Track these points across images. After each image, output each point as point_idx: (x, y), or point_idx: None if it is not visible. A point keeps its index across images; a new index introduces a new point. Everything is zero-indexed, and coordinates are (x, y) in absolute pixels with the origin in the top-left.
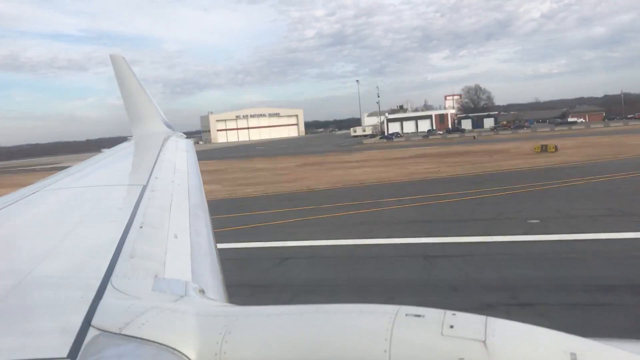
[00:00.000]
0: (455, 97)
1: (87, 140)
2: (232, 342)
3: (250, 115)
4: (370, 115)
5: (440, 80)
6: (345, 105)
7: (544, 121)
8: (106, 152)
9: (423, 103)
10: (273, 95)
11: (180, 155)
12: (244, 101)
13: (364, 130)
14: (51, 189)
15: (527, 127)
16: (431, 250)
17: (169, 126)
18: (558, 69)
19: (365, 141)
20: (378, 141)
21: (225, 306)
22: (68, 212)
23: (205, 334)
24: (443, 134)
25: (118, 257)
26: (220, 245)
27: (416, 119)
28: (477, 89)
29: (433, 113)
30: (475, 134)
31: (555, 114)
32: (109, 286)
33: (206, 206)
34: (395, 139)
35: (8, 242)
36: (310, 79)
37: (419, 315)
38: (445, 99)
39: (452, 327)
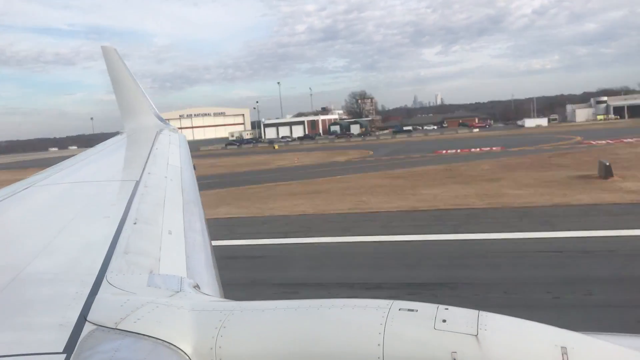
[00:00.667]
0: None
1: (79, 136)
2: (227, 336)
3: (195, 115)
4: (297, 115)
5: (433, 75)
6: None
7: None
8: (98, 147)
9: (413, 99)
10: (264, 91)
11: (172, 150)
12: (234, 96)
13: (241, 136)
14: (44, 185)
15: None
16: None
17: (161, 119)
18: (550, 64)
19: (210, 147)
20: (224, 148)
21: (220, 301)
22: (61, 208)
23: (201, 328)
24: (291, 141)
25: (113, 253)
26: None
27: (291, 124)
28: (363, 95)
29: (305, 119)
30: (277, 145)
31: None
32: (104, 282)
33: (200, 201)
34: (244, 146)
35: (1, 238)
36: (302, 74)
37: (412, 310)
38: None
39: (444, 321)
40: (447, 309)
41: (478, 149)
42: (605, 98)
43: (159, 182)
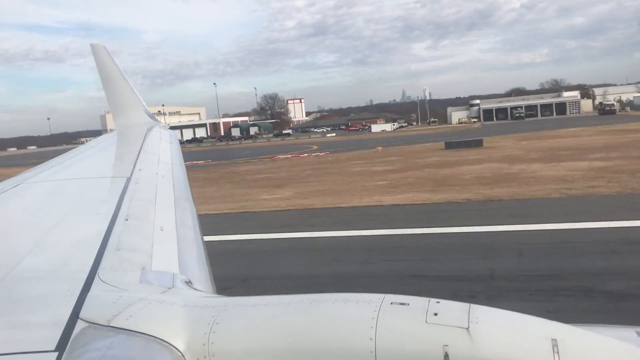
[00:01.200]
0: (295, 101)
1: (62, 134)
2: (220, 332)
3: None
4: (237, 115)
5: (423, 70)
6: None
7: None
8: (89, 144)
9: (401, 94)
10: (256, 85)
11: (163, 147)
12: (225, 92)
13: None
14: (34, 182)
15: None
16: None
17: (151, 117)
18: (540, 58)
19: None
20: None
21: (212, 297)
22: (52, 205)
23: (194, 324)
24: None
25: (104, 250)
26: None
27: (194, 127)
28: (275, 97)
29: (208, 122)
30: None
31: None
32: (96, 279)
33: (191, 197)
34: None
35: None
36: (292, 70)
37: (403, 304)
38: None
39: (436, 314)
40: (438, 302)
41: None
42: (478, 101)
43: (150, 178)
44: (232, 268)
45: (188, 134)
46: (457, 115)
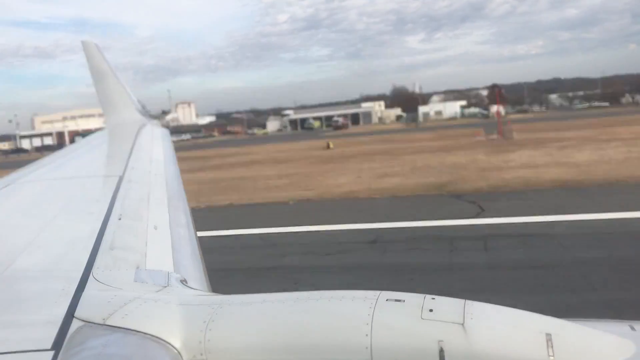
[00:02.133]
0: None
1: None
2: (215, 330)
3: (79, 116)
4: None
5: (418, 63)
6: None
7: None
8: (80, 142)
9: (391, 87)
10: (249, 81)
11: (156, 144)
12: (218, 87)
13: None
14: (25, 182)
15: None
16: None
17: (143, 114)
18: (535, 50)
19: None
20: None
21: (208, 295)
22: (44, 205)
23: (189, 322)
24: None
25: (98, 249)
26: None
27: (42, 135)
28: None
29: (67, 130)
30: None
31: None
32: (90, 278)
33: (184, 195)
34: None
35: None
36: (286, 64)
37: (399, 300)
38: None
39: (431, 310)
40: (433, 298)
41: None
42: (290, 112)
43: (143, 177)
44: None
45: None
46: (273, 125)
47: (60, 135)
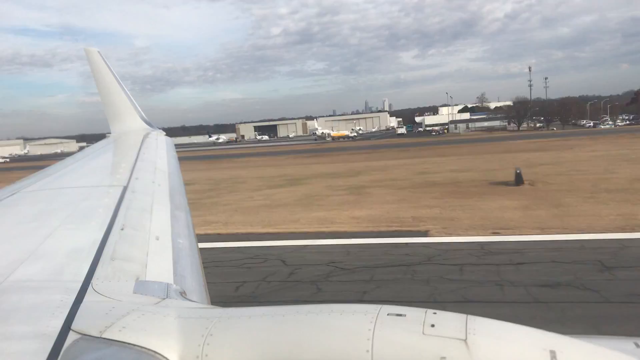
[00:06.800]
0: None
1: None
2: (213, 344)
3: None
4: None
5: (413, 79)
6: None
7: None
8: (85, 150)
9: (382, 103)
10: (248, 93)
11: (160, 154)
12: (216, 98)
13: None
14: (31, 191)
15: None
16: None
17: (147, 122)
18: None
19: None
20: None
21: (206, 308)
22: (48, 214)
23: (187, 336)
24: None
25: (99, 259)
26: None
27: None
28: None
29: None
30: None
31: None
32: (89, 289)
33: (187, 207)
34: None
35: None
36: (283, 77)
37: (400, 315)
38: None
39: (433, 326)
40: (435, 313)
41: None
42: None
43: (147, 187)
44: None
45: None
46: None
47: None
